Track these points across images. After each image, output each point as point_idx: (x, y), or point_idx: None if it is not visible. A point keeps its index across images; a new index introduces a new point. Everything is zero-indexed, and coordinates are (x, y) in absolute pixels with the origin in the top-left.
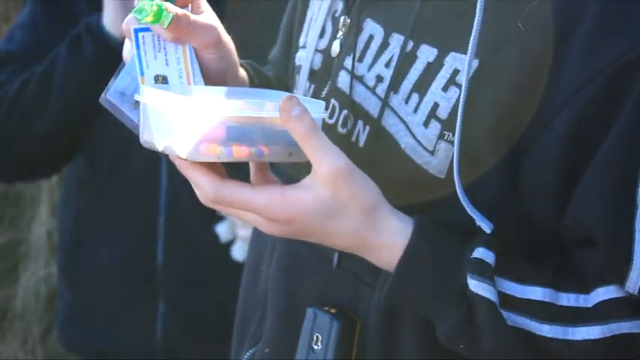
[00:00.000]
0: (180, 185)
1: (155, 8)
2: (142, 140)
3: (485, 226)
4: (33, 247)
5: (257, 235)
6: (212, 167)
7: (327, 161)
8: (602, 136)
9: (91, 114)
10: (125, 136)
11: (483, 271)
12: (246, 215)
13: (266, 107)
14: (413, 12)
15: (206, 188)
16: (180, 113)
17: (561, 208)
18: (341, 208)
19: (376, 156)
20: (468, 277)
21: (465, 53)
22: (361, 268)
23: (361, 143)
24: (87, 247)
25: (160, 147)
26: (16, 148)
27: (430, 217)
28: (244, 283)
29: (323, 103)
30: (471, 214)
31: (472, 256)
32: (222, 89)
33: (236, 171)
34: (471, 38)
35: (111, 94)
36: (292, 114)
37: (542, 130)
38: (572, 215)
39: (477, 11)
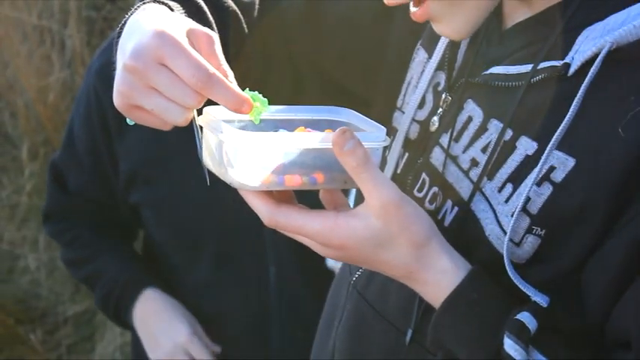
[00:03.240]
0: (288, 267)
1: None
2: (201, 158)
3: (542, 300)
4: None
5: (335, 287)
6: (271, 192)
7: (377, 194)
8: None
9: None
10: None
11: (521, 334)
12: (302, 239)
13: (321, 138)
14: (515, 101)
15: (262, 213)
16: (237, 146)
17: (609, 309)
18: (391, 240)
19: (460, 238)
20: (505, 335)
21: (567, 152)
22: (433, 344)
23: (447, 222)
24: None
25: (217, 172)
26: None
27: None
28: (318, 336)
29: (384, 130)
30: (524, 290)
31: (515, 317)
32: (287, 108)
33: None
34: (557, 132)
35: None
36: (345, 148)
37: (616, 233)
38: (616, 318)
39: (571, 108)
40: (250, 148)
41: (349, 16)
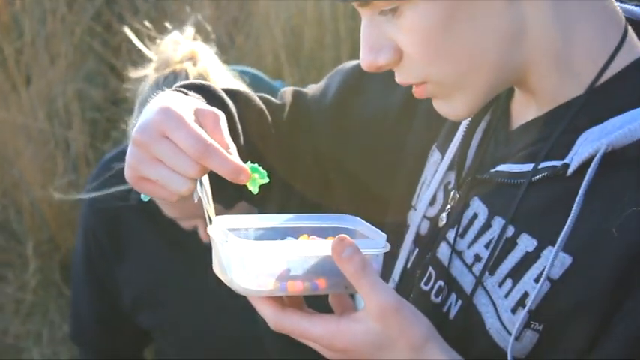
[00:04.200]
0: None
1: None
2: (214, 269)
3: None
4: None
5: None
6: (280, 297)
7: (375, 299)
8: None
9: None
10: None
11: None
12: (308, 341)
13: (322, 246)
14: (516, 199)
15: (268, 317)
16: (242, 255)
17: None
18: (391, 343)
19: (463, 331)
20: None
21: (565, 250)
22: None
23: (452, 315)
24: None
25: (225, 280)
26: None
27: None
28: None
29: (384, 237)
30: None
31: None
32: (281, 219)
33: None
34: (561, 235)
35: None
36: (343, 255)
37: (612, 329)
38: None
39: (573, 211)
40: (254, 257)
41: (375, 120)
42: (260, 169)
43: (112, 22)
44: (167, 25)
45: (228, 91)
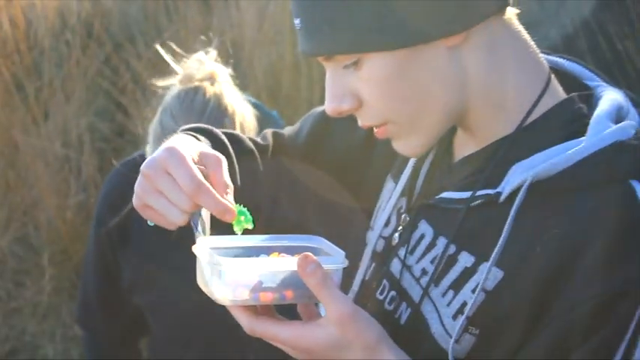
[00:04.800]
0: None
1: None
2: (198, 282)
3: None
4: None
5: None
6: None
7: (334, 307)
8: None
9: None
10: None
11: None
12: (277, 343)
13: (289, 263)
14: (457, 221)
15: (243, 323)
16: (219, 268)
17: None
18: (348, 345)
19: (412, 334)
20: None
21: (497, 265)
22: None
23: (402, 321)
24: None
25: (206, 291)
26: None
27: None
28: None
29: (343, 254)
30: None
31: None
32: (268, 237)
33: None
34: (494, 252)
35: None
36: (307, 270)
37: (537, 333)
38: None
39: (504, 232)
40: (231, 272)
41: (340, 155)
42: (248, 214)
43: (119, 65)
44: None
45: (227, 134)
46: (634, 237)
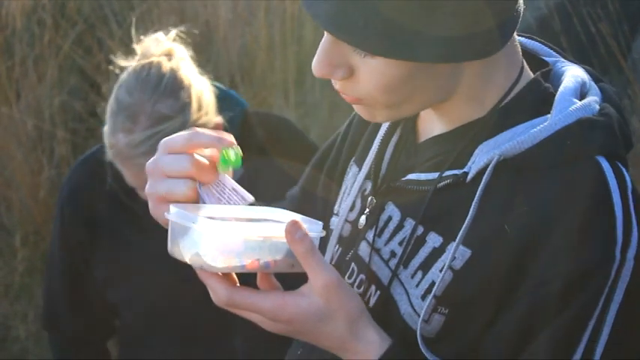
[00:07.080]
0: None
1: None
2: (169, 251)
3: None
4: None
5: None
6: (226, 275)
7: (321, 276)
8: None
9: None
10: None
11: None
12: (252, 315)
13: (276, 229)
14: (424, 203)
15: (220, 293)
16: (206, 233)
17: None
18: (331, 315)
19: (381, 316)
20: None
21: (465, 245)
22: None
23: (371, 304)
24: None
25: (186, 258)
26: None
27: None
28: None
29: (321, 224)
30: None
31: None
32: (238, 209)
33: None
34: (460, 232)
35: None
36: (295, 236)
37: (507, 309)
38: None
39: (470, 211)
40: (218, 236)
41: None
42: (238, 151)
43: (92, 44)
44: (135, 47)
45: None
46: (602, 214)
